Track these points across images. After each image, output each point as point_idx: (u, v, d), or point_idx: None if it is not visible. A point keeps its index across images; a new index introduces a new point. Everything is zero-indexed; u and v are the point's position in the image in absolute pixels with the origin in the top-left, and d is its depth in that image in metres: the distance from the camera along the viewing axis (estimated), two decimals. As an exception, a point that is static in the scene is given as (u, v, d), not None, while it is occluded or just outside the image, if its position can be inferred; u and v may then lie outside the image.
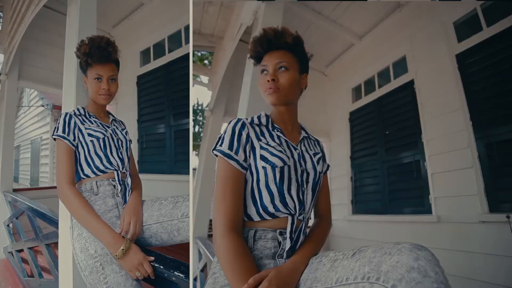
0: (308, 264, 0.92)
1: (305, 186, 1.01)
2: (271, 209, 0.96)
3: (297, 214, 0.98)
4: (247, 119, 1.04)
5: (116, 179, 1.22)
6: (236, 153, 0.97)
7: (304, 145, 1.08)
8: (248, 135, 1.00)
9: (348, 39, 3.14)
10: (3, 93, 2.86)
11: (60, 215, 1.54)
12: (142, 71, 3.39)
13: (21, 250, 2.47)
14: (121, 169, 1.25)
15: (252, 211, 0.97)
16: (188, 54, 2.90)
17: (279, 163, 0.97)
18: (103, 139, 1.22)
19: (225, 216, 0.91)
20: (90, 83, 1.26)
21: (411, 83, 2.68)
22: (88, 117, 1.27)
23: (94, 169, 1.21)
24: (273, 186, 0.96)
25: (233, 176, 0.96)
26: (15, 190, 2.83)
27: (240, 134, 0.99)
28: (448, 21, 2.42)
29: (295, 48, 1.06)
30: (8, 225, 2.73)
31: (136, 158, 3.28)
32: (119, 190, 1.21)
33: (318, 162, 1.05)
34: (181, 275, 0.97)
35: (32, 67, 3.04)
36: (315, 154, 1.07)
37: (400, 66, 2.83)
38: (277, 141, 1.02)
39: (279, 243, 0.95)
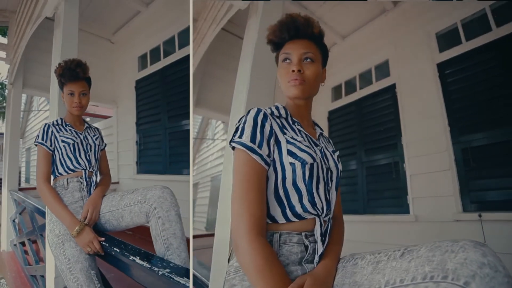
0: (338, 268, 0.85)
1: (330, 185, 0.93)
2: (298, 209, 0.87)
3: (323, 215, 0.90)
4: (266, 109, 0.92)
5: (84, 177, 1.43)
6: (260, 146, 0.86)
7: (323, 142, 1.00)
8: (271, 127, 0.89)
9: (331, 37, 3.07)
10: (9, 101, 3.09)
11: (46, 209, 1.69)
12: (140, 76, 3.48)
13: (23, 243, 2.66)
14: (88, 168, 1.46)
15: (276, 212, 0.87)
16: (181, 59, 2.97)
17: (308, 159, 0.87)
18: (73, 144, 1.44)
19: (251, 219, 0.81)
20: (65, 98, 1.47)
21: (393, 86, 2.72)
22: (64, 126, 1.48)
23: (66, 169, 1.43)
24: (302, 185, 0.87)
25: (256, 173, 0.85)
26: (20, 189, 2.98)
27: (263, 126, 0.88)
28: (431, 31, 2.48)
29: (319, 40, 0.98)
30: (13, 220, 2.91)
31: (134, 159, 3.40)
32: (84, 186, 1.43)
33: (338, 160, 0.99)
34: (118, 250, 1.18)
35: (35, 76, 3.15)
36: (333, 152, 1.00)
37: (383, 69, 2.86)
38: (300, 135, 0.93)
39: (306, 247, 0.87)
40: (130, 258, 1.06)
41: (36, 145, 1.43)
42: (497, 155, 2.15)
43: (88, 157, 1.46)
